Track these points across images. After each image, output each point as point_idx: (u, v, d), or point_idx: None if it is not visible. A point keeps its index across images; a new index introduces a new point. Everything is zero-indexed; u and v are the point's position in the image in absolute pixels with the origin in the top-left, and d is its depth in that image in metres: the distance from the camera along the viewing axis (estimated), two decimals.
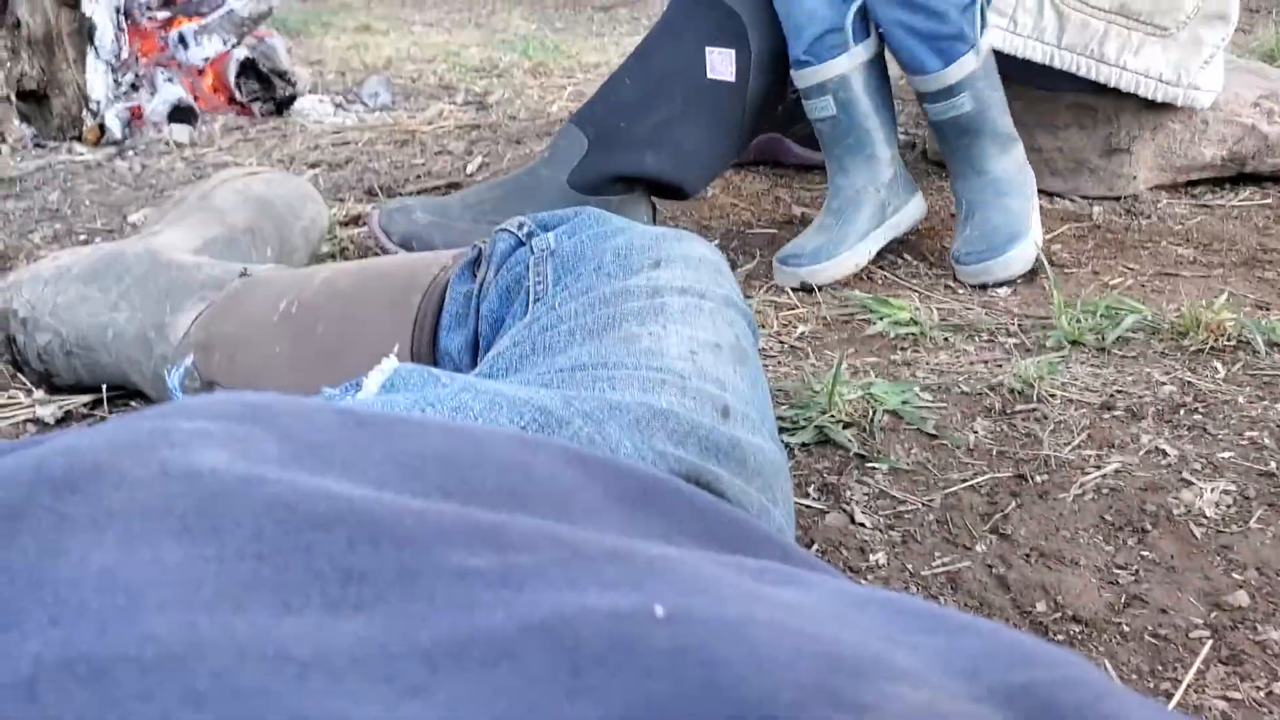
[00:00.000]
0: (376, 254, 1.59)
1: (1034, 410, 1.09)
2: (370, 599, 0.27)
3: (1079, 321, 1.28)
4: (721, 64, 1.46)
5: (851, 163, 1.48)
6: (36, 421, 1.10)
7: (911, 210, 1.53)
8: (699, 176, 1.55)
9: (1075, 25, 1.49)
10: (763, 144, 1.97)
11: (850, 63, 1.43)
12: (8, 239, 1.70)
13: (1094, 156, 1.75)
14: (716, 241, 1.60)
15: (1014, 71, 1.53)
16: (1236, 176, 1.80)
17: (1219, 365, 1.19)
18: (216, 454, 0.32)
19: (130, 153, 2.32)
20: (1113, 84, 1.54)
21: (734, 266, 1.52)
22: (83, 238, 1.72)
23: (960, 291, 1.45)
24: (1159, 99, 1.58)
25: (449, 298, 0.88)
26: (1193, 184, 1.82)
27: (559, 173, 1.50)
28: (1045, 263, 1.43)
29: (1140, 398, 1.11)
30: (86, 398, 1.13)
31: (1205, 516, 0.91)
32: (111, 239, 1.65)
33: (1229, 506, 0.92)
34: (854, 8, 1.41)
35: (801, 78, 1.46)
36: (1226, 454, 1.00)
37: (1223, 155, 1.75)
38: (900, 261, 1.56)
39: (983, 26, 1.42)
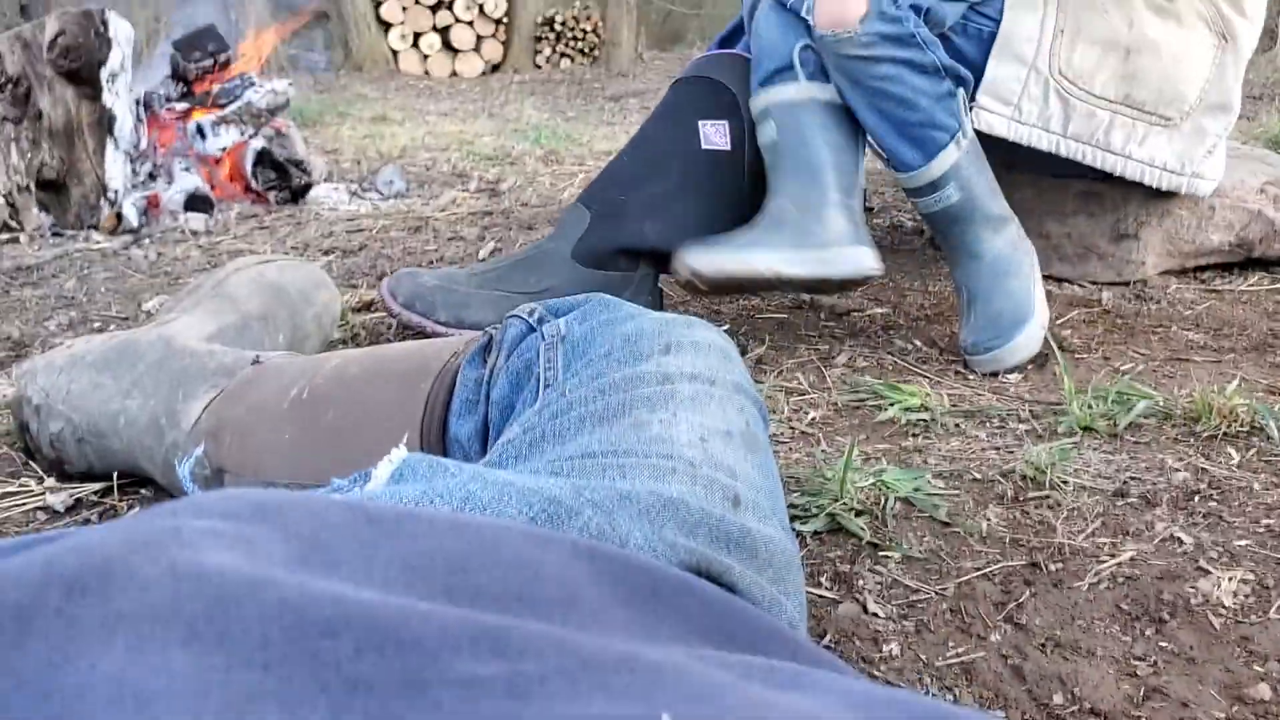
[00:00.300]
0: (389, 339, 1.60)
1: (1047, 497, 1.08)
2: (376, 710, 0.27)
3: (1090, 407, 1.27)
4: (716, 135, 1.48)
5: (784, 185, 1.44)
6: (46, 510, 1.10)
7: (851, 257, 1.44)
8: None
9: (1081, 115, 1.50)
10: None
11: (797, 93, 1.43)
12: (24, 326, 1.72)
13: (1102, 242, 1.76)
14: (725, 326, 1.61)
15: (1021, 159, 1.54)
16: (1244, 261, 1.81)
17: (1233, 451, 1.18)
18: (225, 555, 0.32)
19: (146, 240, 2.35)
20: (1118, 173, 1.55)
21: (743, 352, 1.52)
22: (98, 325, 1.73)
23: (971, 377, 1.45)
24: (1164, 188, 1.59)
25: (459, 383, 0.88)
26: (1201, 269, 1.82)
27: (563, 246, 1.52)
28: (1055, 348, 1.44)
29: (1154, 484, 1.10)
30: (97, 485, 1.13)
31: (1224, 606, 0.90)
32: (126, 326, 1.67)
33: (1248, 596, 0.91)
34: (799, 44, 1.41)
35: (752, 105, 1.47)
36: (1243, 542, 0.99)
37: (1230, 241, 1.76)
38: (910, 347, 1.56)
39: (963, 121, 1.42)
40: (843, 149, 1.46)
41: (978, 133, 1.47)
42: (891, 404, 1.32)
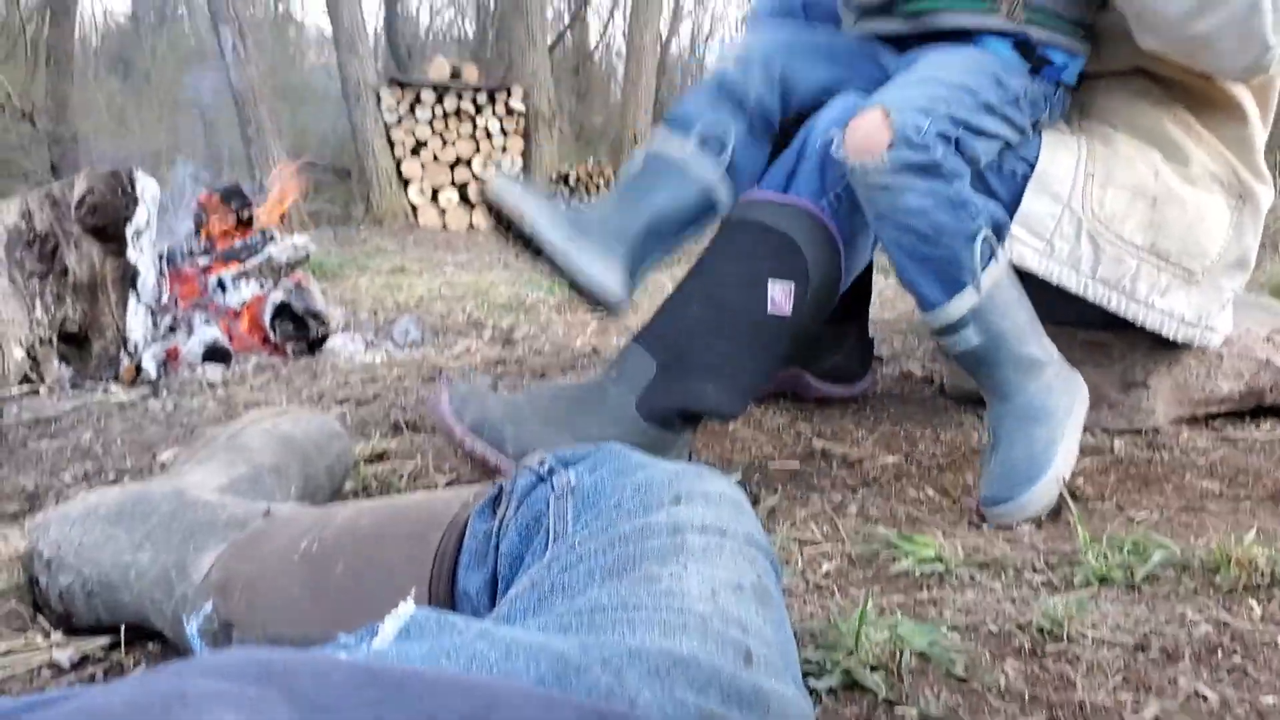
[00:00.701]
0: (401, 490, 1.60)
1: (1065, 651, 1.06)
2: None
3: (1106, 558, 1.26)
4: (782, 298, 1.46)
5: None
6: (53, 666, 1.09)
7: (600, 266, 1.50)
8: (743, 407, 1.55)
9: (1110, 259, 1.51)
10: (783, 377, 2.00)
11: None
12: (39, 478, 1.73)
13: (1112, 391, 1.76)
14: (738, 476, 1.61)
15: (1031, 298, 1.55)
16: (1256, 409, 1.81)
17: (1254, 603, 1.16)
18: (230, 717, 0.32)
19: (164, 392, 2.38)
20: (1140, 321, 1.56)
21: (755, 502, 1.51)
22: (113, 477, 1.74)
23: (984, 527, 1.44)
24: (1179, 339, 1.61)
25: (469, 535, 0.88)
26: (1212, 417, 1.82)
27: (627, 395, 1.46)
28: (1068, 499, 1.43)
29: (1175, 638, 1.08)
30: (104, 640, 1.11)
31: None
32: (141, 478, 1.67)
33: None
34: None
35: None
36: (1270, 698, 0.97)
37: (1240, 389, 1.77)
38: (923, 497, 1.55)
39: (988, 261, 1.41)
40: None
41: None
42: (906, 555, 1.31)
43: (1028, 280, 1.51)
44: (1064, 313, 1.58)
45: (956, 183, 1.37)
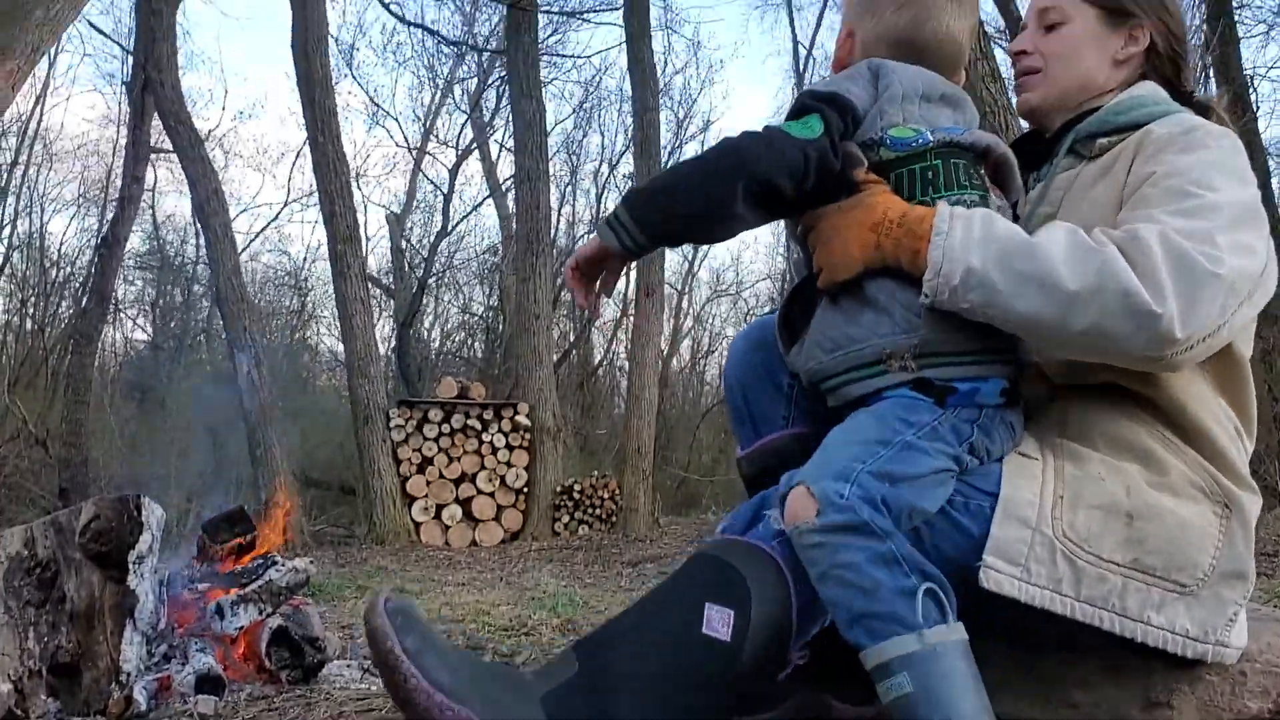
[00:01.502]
0: None
1: None
2: None
3: None
4: (719, 621, 1.42)
5: None
6: None
7: None
8: None
9: (1092, 578, 1.47)
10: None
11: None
12: None
13: (1134, 711, 1.69)
14: None
15: (1038, 627, 1.51)
16: None
17: None
18: None
19: None
20: (1139, 638, 1.49)
21: None
22: None
23: None
24: (1189, 655, 1.54)
25: None
26: None
27: (540, 685, 1.40)
28: None
29: None
30: None
31: None
32: None
33: None
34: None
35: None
36: None
37: (1269, 707, 1.70)
38: None
39: (933, 623, 1.34)
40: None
41: (992, 594, 1.44)
42: None
43: (1031, 615, 1.48)
44: (1077, 637, 1.52)
45: (889, 541, 1.37)
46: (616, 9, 12.63)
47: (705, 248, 20.62)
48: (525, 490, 10.46)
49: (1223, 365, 1.59)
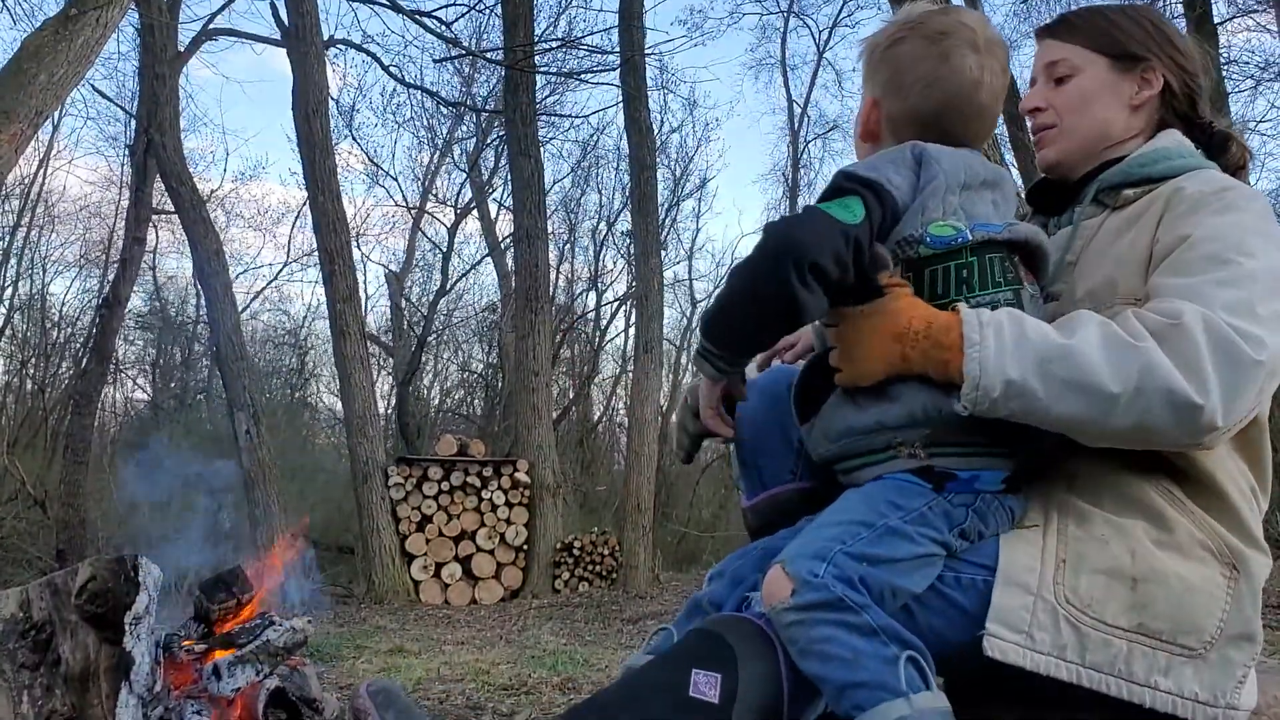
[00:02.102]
0: None
1: None
2: None
3: None
4: (705, 684, 1.41)
5: None
6: None
7: None
8: None
9: (1096, 643, 1.44)
10: None
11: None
12: None
13: None
14: None
15: (1037, 685, 1.48)
16: None
17: None
18: None
19: None
20: (1147, 704, 1.45)
21: None
22: None
23: None
24: None
25: None
26: None
27: None
28: None
29: None
30: None
31: None
32: None
33: None
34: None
35: None
36: None
37: None
38: None
39: (919, 689, 1.35)
40: None
41: (995, 662, 1.42)
42: None
43: (1034, 678, 1.44)
44: (1089, 701, 1.49)
45: (865, 613, 1.37)
46: (613, 69, 12.77)
47: (702, 303, 20.73)
48: (525, 547, 10.41)
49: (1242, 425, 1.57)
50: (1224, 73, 10.13)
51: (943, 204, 1.50)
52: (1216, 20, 10.31)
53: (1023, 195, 1.95)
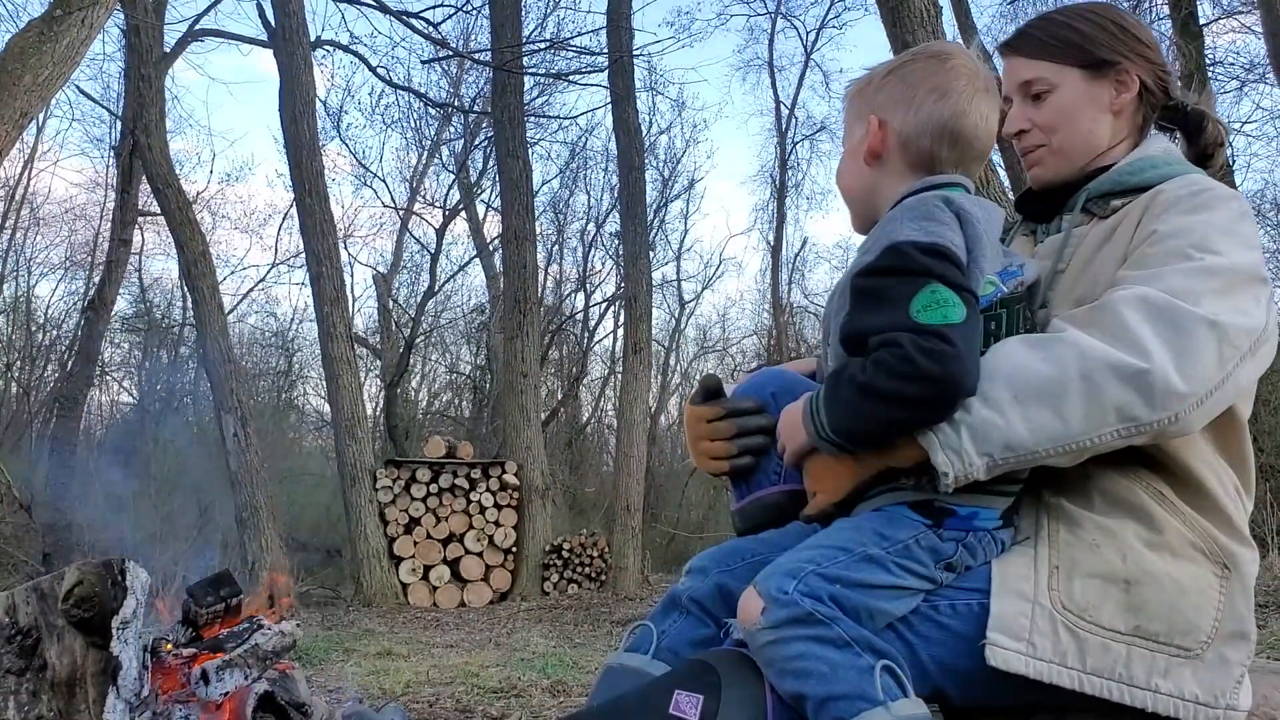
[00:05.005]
0: None
1: None
2: None
3: None
4: (687, 705, 1.41)
5: None
6: None
7: None
8: None
9: (1095, 648, 1.44)
10: None
11: None
12: None
13: None
14: None
15: (1036, 697, 1.47)
16: None
17: None
18: None
19: None
20: (1149, 708, 1.44)
21: None
22: None
23: None
24: None
25: None
26: None
27: None
28: None
29: None
30: None
31: None
32: None
33: None
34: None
35: None
36: None
37: None
38: None
39: (899, 690, 1.35)
40: None
41: (998, 671, 1.41)
42: None
43: (1047, 692, 1.44)
44: (1079, 704, 1.48)
45: (837, 625, 1.37)
46: (601, 70, 12.76)
47: (691, 305, 20.75)
48: (514, 550, 10.39)
49: (1222, 426, 1.56)
50: (1209, 73, 10.17)
51: (981, 262, 1.50)
52: (1202, 21, 10.36)
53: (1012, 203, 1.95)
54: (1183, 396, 1.38)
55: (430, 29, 11.50)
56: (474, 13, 13.27)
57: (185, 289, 12.31)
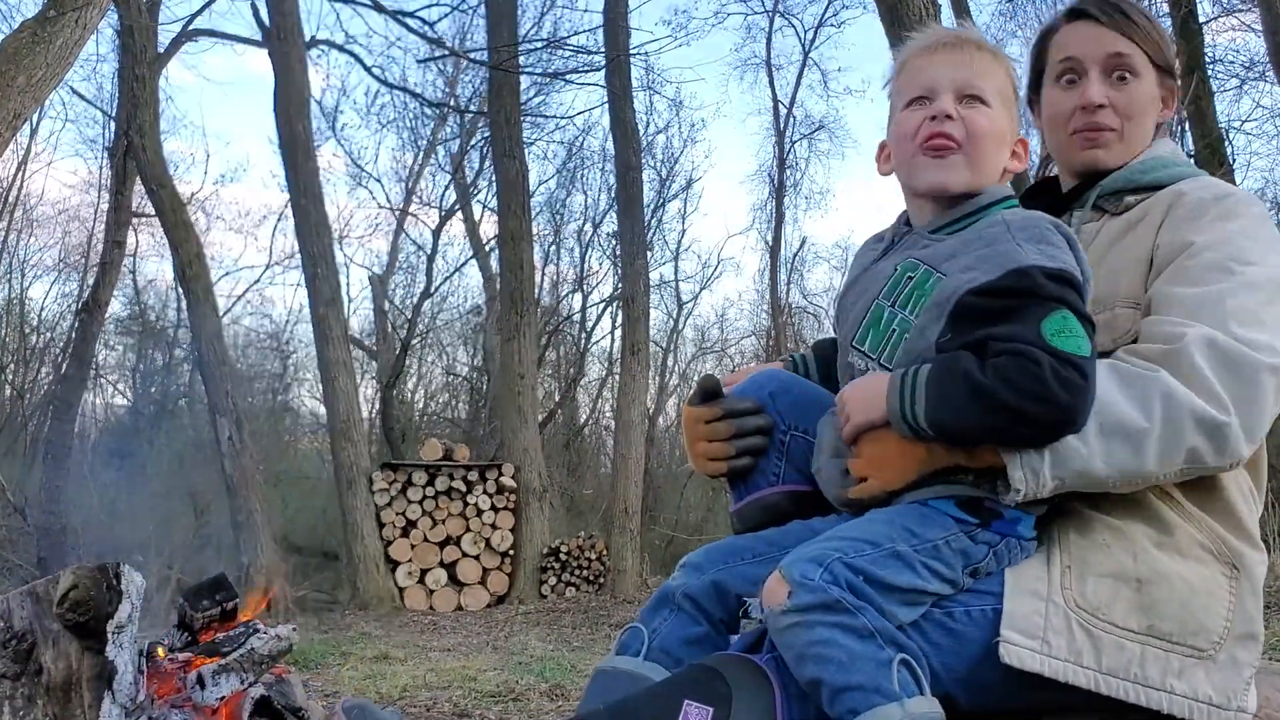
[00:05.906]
0: None
1: None
2: None
3: None
4: (696, 717, 1.40)
5: None
6: None
7: None
8: None
9: (1110, 647, 1.43)
10: None
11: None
12: None
13: None
14: None
15: (1046, 700, 1.46)
16: None
17: None
18: None
19: None
20: (1165, 709, 1.43)
21: None
22: None
23: None
24: None
25: None
26: None
27: None
28: None
29: None
30: None
31: None
32: None
33: None
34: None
35: None
36: None
37: None
38: None
39: (915, 687, 1.34)
40: None
41: (1012, 669, 1.40)
42: None
43: (1058, 694, 1.43)
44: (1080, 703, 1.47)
45: (862, 615, 1.36)
46: (598, 69, 12.75)
47: (689, 305, 20.73)
48: (511, 553, 10.36)
49: None
50: (1209, 72, 10.17)
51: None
52: (1202, 20, 10.36)
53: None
54: (1248, 445, 1.42)
55: (426, 28, 11.51)
56: (470, 12, 13.27)
57: (180, 291, 12.26)
